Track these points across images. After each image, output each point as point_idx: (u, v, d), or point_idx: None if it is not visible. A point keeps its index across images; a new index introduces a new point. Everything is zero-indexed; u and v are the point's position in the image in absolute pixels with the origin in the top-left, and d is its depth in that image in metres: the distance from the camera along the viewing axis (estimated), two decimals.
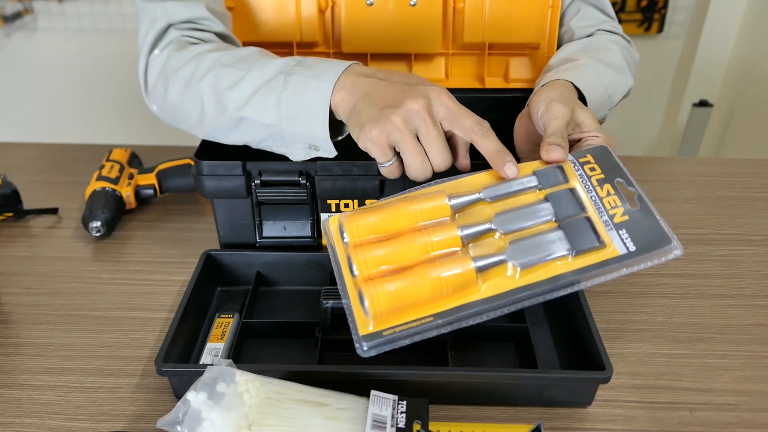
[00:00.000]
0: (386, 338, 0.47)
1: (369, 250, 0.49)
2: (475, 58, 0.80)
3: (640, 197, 0.53)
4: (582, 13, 0.78)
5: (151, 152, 0.98)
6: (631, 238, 0.50)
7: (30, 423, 0.54)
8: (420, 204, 0.51)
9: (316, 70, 0.58)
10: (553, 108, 0.57)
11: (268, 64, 0.61)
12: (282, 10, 0.74)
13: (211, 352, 0.60)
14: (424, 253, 0.49)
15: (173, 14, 0.67)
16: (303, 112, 0.58)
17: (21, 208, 0.84)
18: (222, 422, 0.45)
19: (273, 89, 0.59)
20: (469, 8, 0.75)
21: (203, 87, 0.63)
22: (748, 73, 1.97)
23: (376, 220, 0.51)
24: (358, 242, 0.50)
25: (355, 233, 0.50)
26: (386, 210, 0.51)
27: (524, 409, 0.55)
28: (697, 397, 0.56)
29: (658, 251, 0.50)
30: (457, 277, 0.47)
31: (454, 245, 0.49)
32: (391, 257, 0.49)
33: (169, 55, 0.66)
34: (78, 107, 2.27)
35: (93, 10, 2.07)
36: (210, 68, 0.63)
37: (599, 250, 0.49)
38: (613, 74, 0.71)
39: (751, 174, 0.95)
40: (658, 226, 0.51)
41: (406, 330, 0.47)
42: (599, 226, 0.50)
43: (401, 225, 0.51)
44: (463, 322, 0.47)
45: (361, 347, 0.47)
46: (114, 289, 0.71)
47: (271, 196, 0.67)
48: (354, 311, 0.48)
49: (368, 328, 0.47)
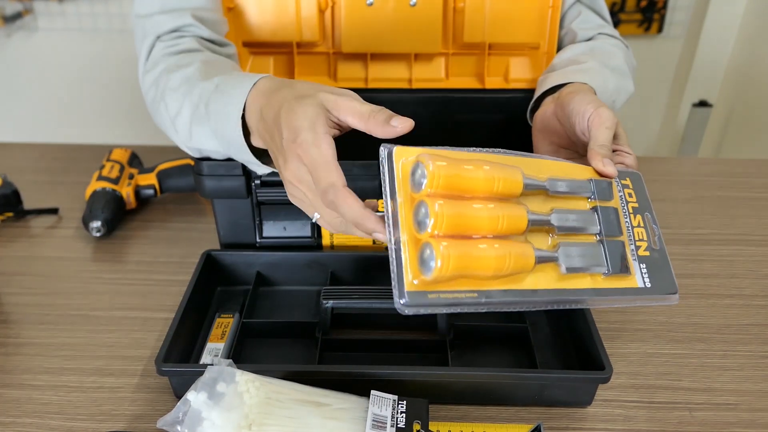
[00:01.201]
0: (429, 301, 0.44)
1: (447, 207, 0.44)
2: (475, 58, 0.80)
3: (660, 239, 0.54)
4: (583, 16, 0.78)
5: (151, 152, 0.98)
6: (649, 275, 0.52)
7: (30, 423, 0.54)
8: (497, 173, 0.48)
9: (227, 97, 0.56)
10: (603, 114, 0.55)
11: (195, 87, 0.60)
12: (282, 10, 0.74)
13: (211, 352, 0.61)
14: (494, 227, 0.46)
15: (159, 27, 0.68)
16: (231, 141, 0.57)
17: (21, 208, 0.84)
18: (222, 422, 0.45)
19: (202, 119, 0.59)
20: (469, 8, 0.75)
21: (163, 113, 0.63)
22: (748, 73, 1.97)
23: (459, 175, 0.46)
24: (432, 192, 0.45)
25: (435, 182, 0.45)
26: (467, 168, 0.47)
27: (524, 409, 0.55)
28: (696, 397, 0.56)
29: (665, 296, 0.52)
30: (520, 262, 0.46)
31: (519, 229, 0.48)
32: (467, 222, 0.45)
33: (144, 74, 0.67)
34: (78, 107, 2.27)
35: (93, 10, 2.07)
36: (163, 93, 0.63)
37: (625, 277, 0.51)
38: (617, 79, 0.71)
39: (751, 174, 0.96)
40: (670, 273, 0.53)
41: (449, 298, 0.45)
42: (628, 253, 0.52)
43: (477, 188, 0.47)
44: (503, 306, 0.46)
45: (400, 301, 0.43)
46: (114, 289, 0.71)
47: (271, 196, 0.67)
48: (405, 260, 0.44)
49: (413, 283, 0.44)
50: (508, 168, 0.49)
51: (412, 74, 0.80)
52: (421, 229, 0.45)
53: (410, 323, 0.64)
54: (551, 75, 0.68)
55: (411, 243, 0.45)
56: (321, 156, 0.47)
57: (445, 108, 0.79)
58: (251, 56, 0.78)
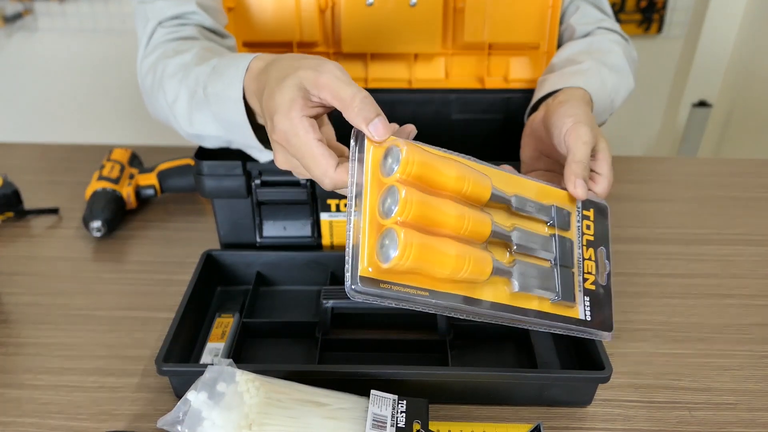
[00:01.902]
0: (380, 291, 0.43)
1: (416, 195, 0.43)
2: (475, 58, 0.80)
3: (609, 276, 0.54)
4: (581, 10, 0.78)
5: (151, 152, 0.98)
6: (590, 308, 0.52)
7: (31, 422, 0.54)
8: (469, 175, 0.47)
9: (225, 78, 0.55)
10: (580, 130, 0.54)
11: (191, 72, 0.59)
12: (282, 9, 0.74)
13: (212, 351, 0.61)
14: (459, 226, 0.46)
15: (161, 12, 0.67)
16: (233, 123, 0.56)
17: (22, 208, 0.84)
18: (222, 422, 0.45)
19: (201, 104, 0.58)
20: (469, 8, 0.75)
21: (161, 100, 0.62)
22: (748, 73, 1.97)
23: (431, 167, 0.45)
24: (402, 178, 0.44)
25: (408, 169, 0.44)
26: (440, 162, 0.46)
27: (524, 409, 0.55)
28: (696, 397, 0.56)
29: (600, 332, 0.52)
30: (478, 267, 0.46)
31: (482, 236, 0.47)
32: (433, 215, 0.44)
33: (142, 60, 0.67)
34: (78, 107, 2.27)
35: (93, 10, 2.07)
36: (160, 79, 0.62)
37: (570, 307, 0.51)
38: (616, 78, 0.71)
39: (751, 174, 0.96)
40: (611, 310, 0.53)
41: (400, 292, 0.44)
42: (575, 284, 0.52)
43: (447, 185, 0.46)
44: (448, 311, 0.46)
45: (351, 285, 0.42)
46: (114, 289, 0.71)
47: (271, 196, 0.67)
48: (364, 244, 0.43)
49: (368, 270, 0.43)
50: (479, 174, 0.48)
51: (412, 74, 0.80)
52: (386, 214, 0.43)
53: (410, 323, 0.64)
54: (549, 77, 0.68)
55: (372, 228, 0.43)
56: (302, 144, 0.45)
57: (445, 108, 0.79)
58: None
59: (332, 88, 0.44)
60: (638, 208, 0.86)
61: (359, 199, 0.44)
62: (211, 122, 0.59)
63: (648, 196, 0.89)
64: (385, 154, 0.45)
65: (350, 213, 0.44)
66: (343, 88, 0.44)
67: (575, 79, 0.65)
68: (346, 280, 0.42)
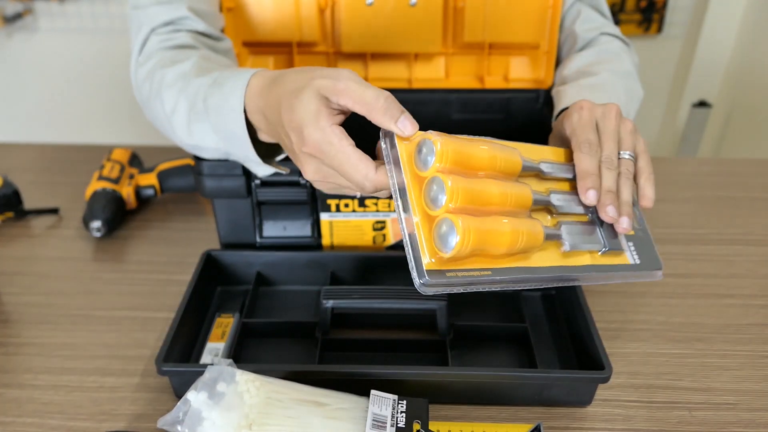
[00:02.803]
0: (447, 280, 0.43)
1: (460, 181, 0.44)
2: (475, 57, 0.80)
3: (641, 218, 0.56)
4: (583, 15, 0.78)
5: (151, 152, 0.98)
6: (637, 252, 0.54)
7: (31, 422, 0.54)
8: (500, 151, 0.48)
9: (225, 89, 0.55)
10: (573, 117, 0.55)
11: (191, 84, 0.58)
12: (281, 9, 0.74)
13: (212, 351, 0.61)
14: (504, 202, 0.46)
15: (154, 19, 0.67)
16: (232, 136, 0.56)
17: (22, 209, 0.84)
18: (222, 422, 0.45)
19: (200, 115, 0.57)
20: (469, 8, 0.75)
21: (158, 109, 0.62)
22: (748, 73, 1.97)
23: (465, 151, 0.46)
24: (441, 168, 0.45)
25: (444, 157, 0.44)
26: (471, 146, 0.47)
27: (524, 409, 0.55)
28: (696, 397, 0.56)
29: (652, 272, 0.54)
30: (531, 237, 0.47)
31: (525, 206, 0.48)
32: (479, 197, 0.45)
33: (137, 68, 0.66)
34: (78, 107, 2.27)
35: (94, 10, 2.07)
36: (158, 89, 0.61)
37: (619, 254, 0.53)
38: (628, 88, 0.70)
39: (751, 174, 0.96)
40: (654, 250, 0.56)
41: (466, 276, 0.44)
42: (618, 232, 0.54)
43: (481, 165, 0.47)
44: (517, 284, 0.47)
45: (419, 281, 0.43)
46: (114, 289, 0.71)
47: (271, 196, 0.67)
48: (421, 239, 0.43)
49: (432, 262, 0.43)
50: (507, 148, 0.49)
51: (412, 74, 0.80)
52: (435, 205, 0.44)
53: (410, 323, 0.64)
54: (566, 90, 0.67)
55: (425, 222, 0.44)
56: (338, 152, 0.45)
57: (445, 108, 0.79)
58: (251, 56, 0.78)
59: (353, 93, 0.44)
60: None
61: (404, 197, 0.44)
62: (210, 134, 0.58)
63: None
64: (419, 149, 0.45)
65: (399, 212, 0.44)
66: (364, 92, 0.44)
67: (593, 95, 0.64)
68: (414, 278, 0.43)
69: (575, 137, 0.53)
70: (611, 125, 0.54)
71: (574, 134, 0.54)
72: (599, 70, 0.69)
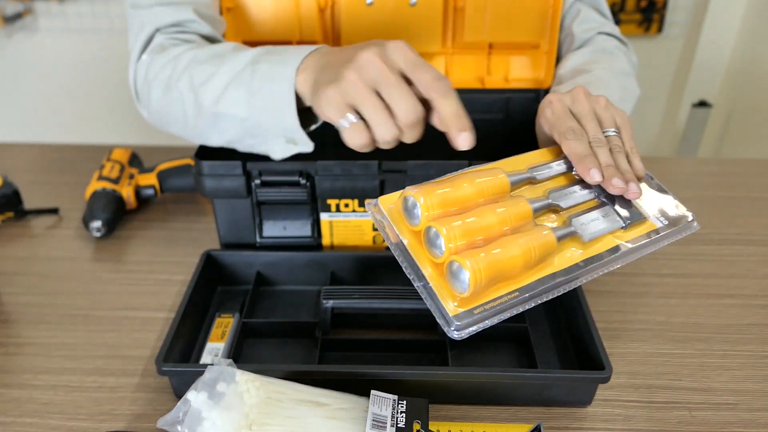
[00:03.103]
0: (477, 317, 0.44)
1: (452, 222, 0.45)
2: (475, 57, 0.80)
3: (652, 179, 0.56)
4: (582, 15, 0.78)
5: (151, 152, 0.98)
6: (660, 214, 0.54)
7: (31, 422, 0.54)
8: (484, 180, 0.49)
9: (282, 56, 0.57)
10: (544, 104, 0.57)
11: (239, 56, 0.60)
12: (281, 9, 0.74)
13: (212, 351, 0.61)
14: (504, 225, 0.47)
15: (159, 19, 0.67)
16: (271, 100, 0.57)
17: (21, 208, 0.84)
18: (222, 422, 0.45)
19: (242, 81, 0.58)
20: (470, 7, 0.75)
21: (181, 87, 0.62)
22: (748, 73, 1.97)
23: (448, 193, 0.47)
24: (431, 216, 0.46)
25: (429, 207, 0.46)
26: (452, 184, 0.49)
27: (524, 409, 0.55)
28: (696, 397, 0.56)
29: (684, 225, 0.53)
30: (543, 247, 0.47)
31: (526, 219, 0.49)
32: (477, 229, 0.46)
33: (151, 59, 0.66)
34: (78, 107, 2.27)
35: (94, 10, 2.07)
36: (186, 67, 0.62)
37: (643, 223, 0.52)
38: (624, 88, 0.70)
39: (751, 174, 0.96)
40: (678, 205, 0.55)
41: (495, 306, 0.45)
42: (634, 202, 0.53)
43: (470, 199, 0.48)
44: (545, 295, 0.47)
45: (451, 329, 0.43)
46: (114, 289, 0.71)
47: (271, 196, 0.67)
48: (438, 291, 0.45)
49: (455, 307, 0.44)
50: (489, 171, 0.51)
51: None
52: (438, 251, 0.46)
53: (410, 323, 0.64)
54: (559, 89, 0.67)
55: (436, 273, 0.46)
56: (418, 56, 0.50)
57: None
58: None
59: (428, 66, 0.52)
60: None
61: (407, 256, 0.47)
62: (243, 103, 0.59)
63: None
64: (404, 207, 0.48)
65: (411, 275, 0.46)
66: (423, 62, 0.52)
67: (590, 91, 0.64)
68: (445, 329, 0.44)
69: (556, 130, 0.54)
70: (585, 107, 0.55)
71: (554, 128, 0.55)
72: (593, 68, 0.69)
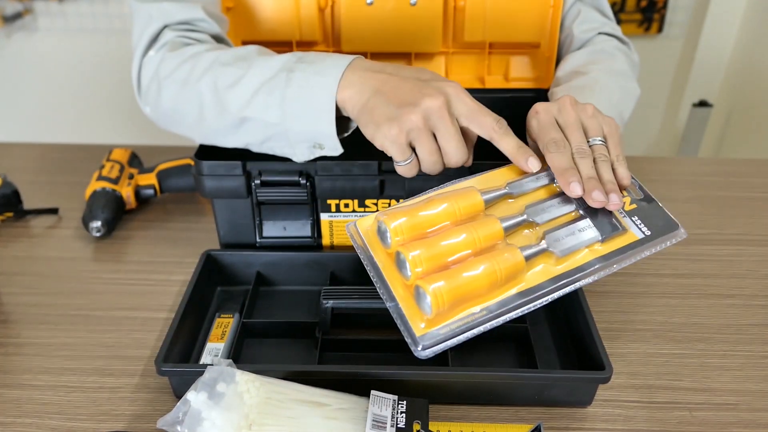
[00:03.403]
0: (443, 335, 0.46)
1: (418, 247, 0.48)
2: (475, 56, 0.80)
3: (641, 187, 0.55)
4: (582, 15, 0.78)
5: (151, 152, 0.98)
6: (644, 224, 0.53)
7: (30, 423, 0.54)
8: (456, 201, 0.51)
9: (318, 66, 0.58)
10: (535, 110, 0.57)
11: (269, 61, 0.60)
12: (281, 8, 0.74)
13: (211, 352, 0.60)
14: (472, 247, 0.49)
15: (169, 15, 0.66)
16: (308, 109, 0.57)
17: (21, 208, 0.84)
18: (222, 422, 0.45)
19: (276, 87, 0.58)
20: (470, 7, 0.75)
21: (202, 87, 0.62)
22: (748, 73, 1.97)
23: (418, 218, 0.50)
24: (401, 241, 0.49)
25: (399, 232, 0.49)
26: (424, 207, 0.50)
27: (524, 409, 0.55)
28: (696, 397, 0.56)
29: (669, 235, 0.53)
30: (510, 267, 0.48)
31: (497, 238, 0.50)
32: (443, 253, 0.48)
33: (163, 56, 0.65)
34: (78, 107, 2.27)
35: (93, 10, 2.07)
36: (208, 68, 0.62)
37: (622, 236, 0.52)
38: (622, 87, 0.70)
39: (751, 174, 0.95)
40: (665, 213, 0.54)
41: (460, 325, 0.46)
42: (615, 213, 0.53)
43: (440, 222, 0.50)
44: (513, 312, 0.47)
45: (417, 349, 0.46)
46: (114, 289, 0.71)
47: (271, 196, 0.67)
48: (405, 311, 0.47)
49: (421, 327, 0.46)
50: (463, 191, 0.51)
51: None
52: (405, 274, 0.48)
53: None
54: (556, 90, 0.67)
55: (406, 294, 0.48)
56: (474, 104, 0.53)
57: None
58: None
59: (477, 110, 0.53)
60: None
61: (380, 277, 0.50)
62: (275, 106, 0.59)
63: None
64: (377, 230, 0.51)
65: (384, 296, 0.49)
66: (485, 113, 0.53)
67: (587, 95, 0.65)
68: (412, 349, 0.46)
69: (540, 142, 0.54)
70: (571, 117, 0.55)
71: (538, 139, 0.55)
72: (591, 70, 0.69)
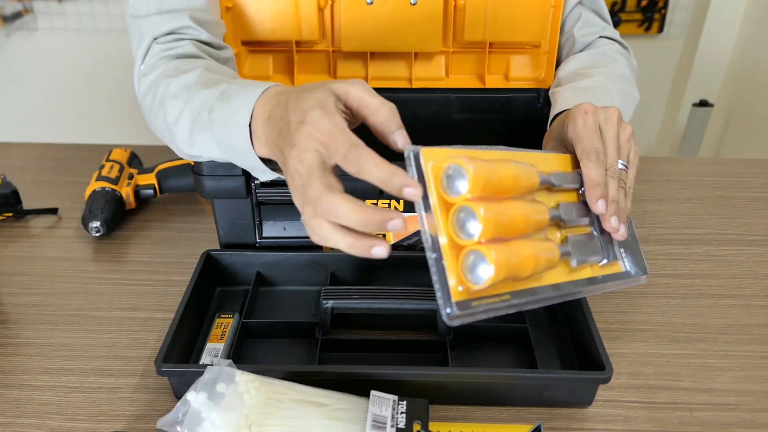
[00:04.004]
0: (472, 309, 0.42)
1: (493, 212, 0.43)
2: (475, 56, 0.80)
3: (630, 222, 0.56)
4: (584, 19, 0.78)
5: (151, 152, 0.98)
6: (628, 259, 0.55)
7: (30, 423, 0.54)
8: (524, 177, 0.47)
9: (231, 102, 0.54)
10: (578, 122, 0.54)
11: (198, 95, 0.58)
12: (281, 8, 0.74)
13: (211, 352, 0.60)
14: (526, 229, 0.46)
15: (156, 28, 0.66)
16: (236, 149, 0.55)
17: (21, 208, 0.84)
18: (222, 422, 0.45)
19: (204, 127, 0.57)
20: (470, 6, 0.74)
21: (160, 121, 0.61)
22: (748, 73, 1.97)
23: (494, 177, 0.44)
24: (473, 197, 0.43)
25: (477, 185, 0.43)
26: (498, 170, 0.45)
27: (524, 409, 0.55)
28: (697, 397, 0.56)
29: (638, 277, 0.55)
30: (550, 260, 0.47)
31: (542, 227, 0.48)
32: (507, 224, 0.44)
33: (141, 76, 0.66)
34: (78, 107, 2.27)
35: (93, 10, 2.07)
36: (161, 100, 0.61)
37: (614, 264, 0.54)
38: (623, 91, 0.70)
39: (751, 174, 0.95)
40: (641, 254, 0.56)
41: (488, 304, 0.43)
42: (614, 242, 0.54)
43: (507, 188, 0.46)
44: (530, 305, 0.47)
45: (446, 311, 0.42)
46: (114, 289, 0.71)
47: (271, 196, 0.67)
48: (448, 266, 0.42)
49: (458, 290, 0.42)
50: (525, 166, 0.48)
51: (412, 73, 0.80)
52: (465, 235, 0.43)
53: (410, 323, 0.64)
54: (561, 92, 0.67)
55: (452, 248, 0.43)
56: (335, 126, 0.44)
57: (446, 107, 0.79)
58: (250, 55, 0.78)
59: (362, 96, 0.46)
60: (638, 208, 0.86)
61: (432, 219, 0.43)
62: (213, 146, 0.57)
63: (648, 196, 0.89)
64: (447, 174, 0.44)
65: (426, 237, 0.43)
66: (371, 99, 0.47)
67: (588, 97, 0.64)
68: (440, 307, 0.41)
69: (581, 144, 0.52)
70: (612, 132, 0.54)
71: (579, 141, 0.53)
72: (594, 73, 0.69)
